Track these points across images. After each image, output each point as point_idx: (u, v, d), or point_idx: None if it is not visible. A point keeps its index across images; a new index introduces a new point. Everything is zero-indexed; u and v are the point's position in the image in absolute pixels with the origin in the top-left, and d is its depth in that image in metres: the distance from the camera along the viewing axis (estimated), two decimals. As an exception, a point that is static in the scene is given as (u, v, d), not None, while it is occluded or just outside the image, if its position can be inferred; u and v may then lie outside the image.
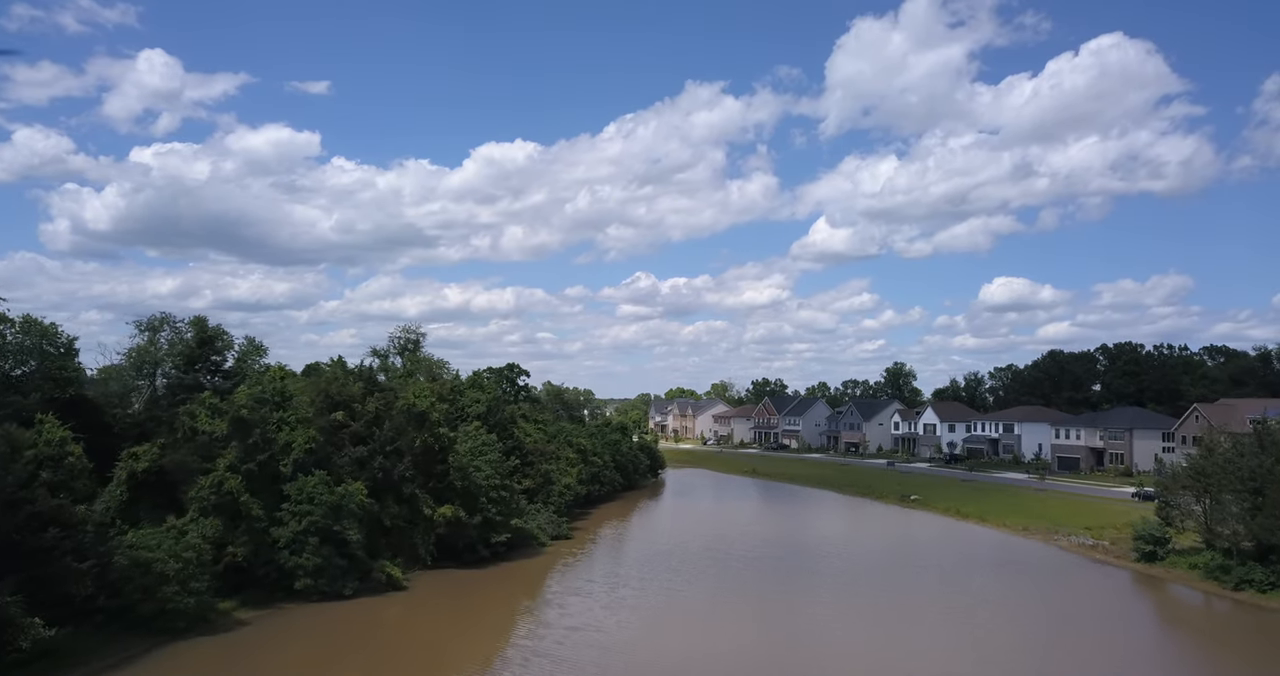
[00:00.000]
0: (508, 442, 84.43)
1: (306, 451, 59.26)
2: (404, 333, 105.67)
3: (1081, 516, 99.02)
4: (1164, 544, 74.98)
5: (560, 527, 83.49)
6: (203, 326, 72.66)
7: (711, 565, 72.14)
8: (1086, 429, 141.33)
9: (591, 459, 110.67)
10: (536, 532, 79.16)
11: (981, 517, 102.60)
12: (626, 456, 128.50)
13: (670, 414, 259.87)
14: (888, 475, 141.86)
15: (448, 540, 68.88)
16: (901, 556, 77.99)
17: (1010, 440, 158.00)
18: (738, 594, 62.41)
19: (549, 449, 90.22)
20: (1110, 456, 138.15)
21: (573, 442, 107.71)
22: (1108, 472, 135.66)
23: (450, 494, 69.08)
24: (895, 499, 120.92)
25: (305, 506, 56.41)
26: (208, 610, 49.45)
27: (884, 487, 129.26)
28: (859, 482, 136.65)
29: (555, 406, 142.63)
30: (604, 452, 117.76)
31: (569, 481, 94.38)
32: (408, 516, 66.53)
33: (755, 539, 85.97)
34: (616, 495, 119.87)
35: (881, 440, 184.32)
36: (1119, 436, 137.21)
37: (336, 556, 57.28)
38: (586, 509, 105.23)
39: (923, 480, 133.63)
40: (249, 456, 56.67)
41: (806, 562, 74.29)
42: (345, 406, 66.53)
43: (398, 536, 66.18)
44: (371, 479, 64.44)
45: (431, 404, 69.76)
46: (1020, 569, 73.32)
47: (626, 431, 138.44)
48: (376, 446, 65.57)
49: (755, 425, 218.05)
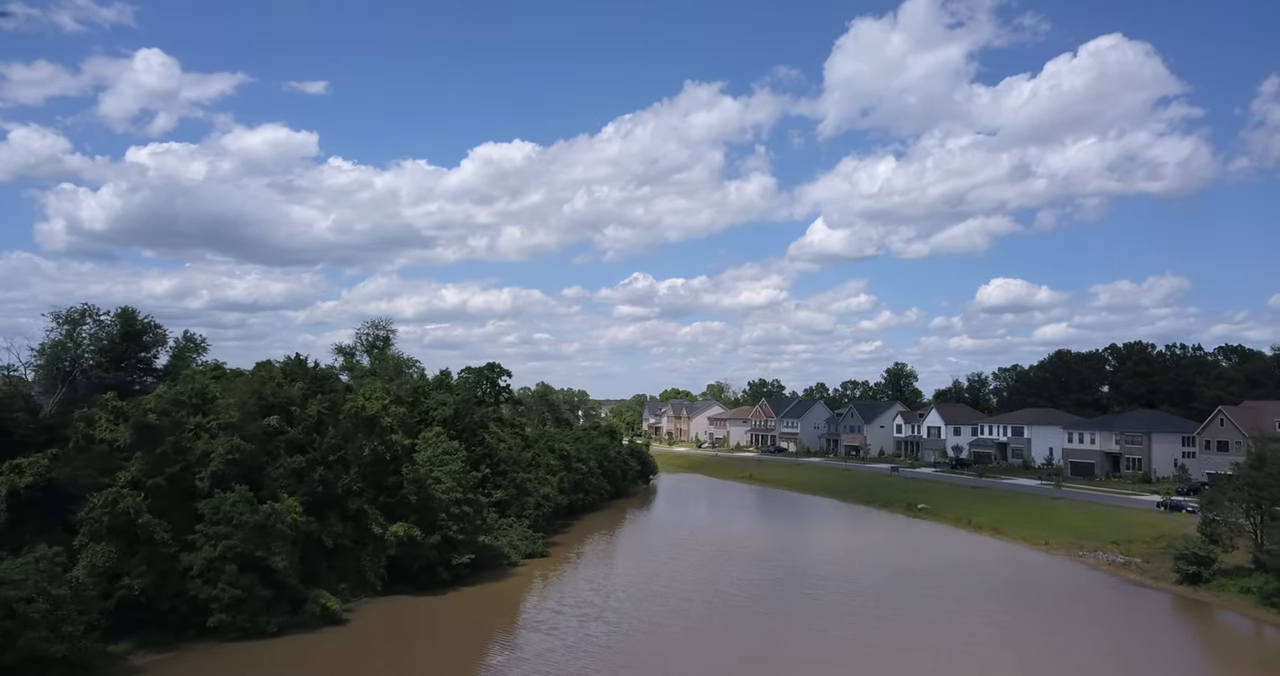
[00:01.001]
0: (477, 450, 75.65)
1: (229, 462, 50.42)
2: (372, 329, 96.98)
3: (1105, 528, 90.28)
4: (1209, 564, 66.32)
5: (535, 544, 74.66)
6: (129, 319, 63.86)
7: (700, 589, 63.31)
8: (1101, 432, 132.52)
9: (575, 465, 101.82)
10: (507, 551, 70.37)
11: (996, 529, 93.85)
12: (615, 462, 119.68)
13: (664, 415, 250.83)
14: (892, 481, 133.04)
15: (401, 562, 60.08)
16: (913, 577, 69.20)
17: (1020, 444, 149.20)
18: (728, 630, 53.46)
19: (524, 456, 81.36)
20: (1127, 461, 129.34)
21: (554, 448, 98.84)
22: (1124, 479, 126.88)
23: (404, 509, 60.25)
24: (901, 507, 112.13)
25: (222, 528, 47.56)
26: (89, 656, 40.55)
27: (889, 495, 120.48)
28: (862, 489, 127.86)
29: (540, 409, 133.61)
30: (590, 458, 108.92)
31: (548, 491, 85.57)
32: (354, 535, 57.74)
33: (751, 556, 77.19)
34: (603, 504, 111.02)
35: (883, 443, 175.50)
36: (1136, 440, 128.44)
37: (260, 586, 48.47)
38: (569, 520, 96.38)
39: (929, 487, 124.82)
40: (156, 469, 47.82)
41: (808, 587, 65.45)
42: (282, 410, 57.67)
43: (343, 559, 57.38)
44: (311, 493, 55.66)
45: (384, 407, 60.94)
46: (1047, 593, 64.53)
47: (615, 435, 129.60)
48: (318, 455, 56.75)
49: (752, 427, 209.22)
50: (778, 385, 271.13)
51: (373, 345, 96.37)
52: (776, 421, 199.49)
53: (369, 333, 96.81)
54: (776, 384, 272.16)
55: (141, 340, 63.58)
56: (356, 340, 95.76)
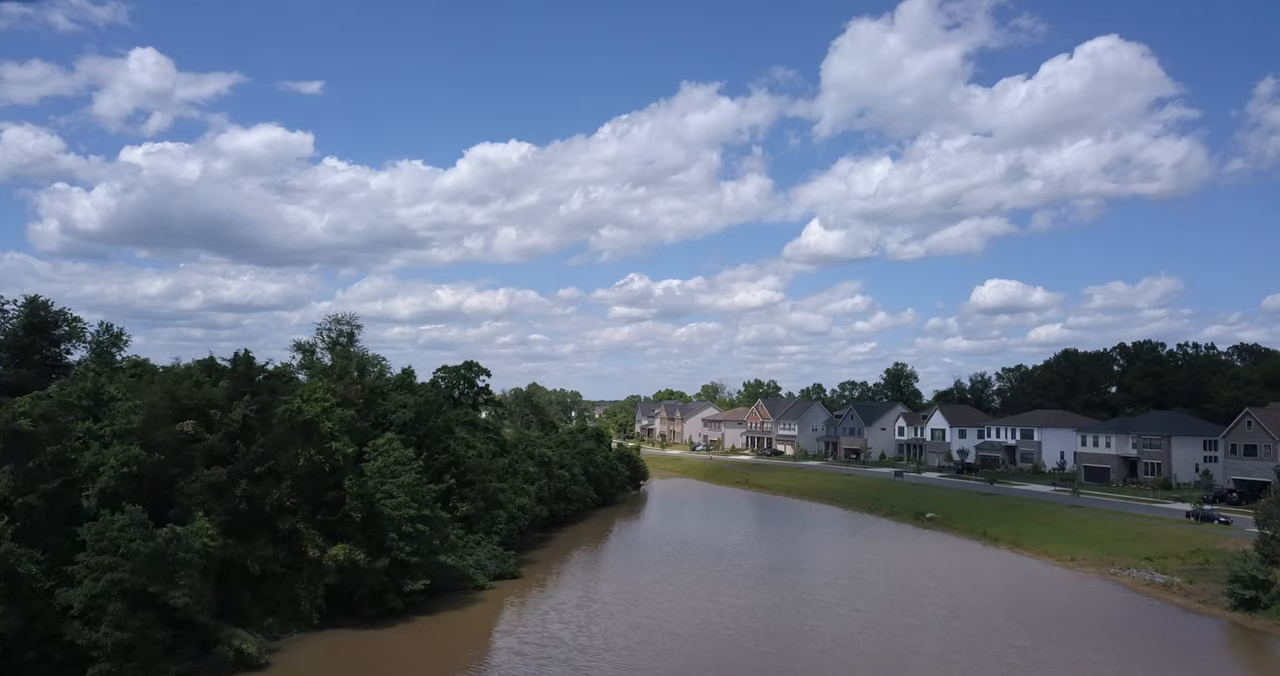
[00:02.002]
0: (441, 458, 66.99)
1: (124, 477, 41.76)
2: (334, 324, 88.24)
3: (1133, 541, 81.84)
4: (1267, 588, 57.88)
5: (506, 563, 65.99)
6: (36, 308, 55.11)
7: (688, 620, 54.64)
8: (1117, 435, 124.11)
9: (557, 472, 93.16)
10: (473, 573, 61.73)
11: (1014, 542, 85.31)
12: (602, 468, 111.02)
13: (657, 417, 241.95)
14: (896, 487, 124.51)
15: (344, 589, 51.41)
16: (929, 602, 60.59)
17: (1029, 447, 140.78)
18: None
19: (496, 464, 72.63)
20: (1145, 466, 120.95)
21: (534, 454, 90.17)
22: (1143, 485, 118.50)
23: (348, 529, 51.58)
24: (908, 516, 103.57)
25: (107, 557, 38.88)
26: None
27: (893, 502, 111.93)
28: (864, 496, 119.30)
29: (524, 411, 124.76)
30: (574, 464, 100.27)
31: (525, 502, 76.92)
32: (286, 560, 49.08)
33: (746, 576, 68.57)
34: (588, 514, 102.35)
35: (884, 446, 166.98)
36: (1155, 444, 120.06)
37: (158, 626, 39.79)
38: (549, 533, 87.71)
39: (937, 494, 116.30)
40: (28, 485, 39.14)
41: (811, 617, 56.71)
42: (199, 413, 48.96)
43: (273, 588, 48.73)
44: (233, 512, 47.00)
45: (325, 409, 52.27)
46: (1087, 622, 55.95)
47: (603, 438, 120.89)
48: (242, 467, 48.04)
49: (747, 430, 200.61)
50: (774, 386, 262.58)
51: (335, 342, 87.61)
52: (773, 423, 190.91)
53: (331, 328, 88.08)
54: (773, 384, 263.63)
55: (50, 333, 54.83)
56: (318, 336, 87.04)
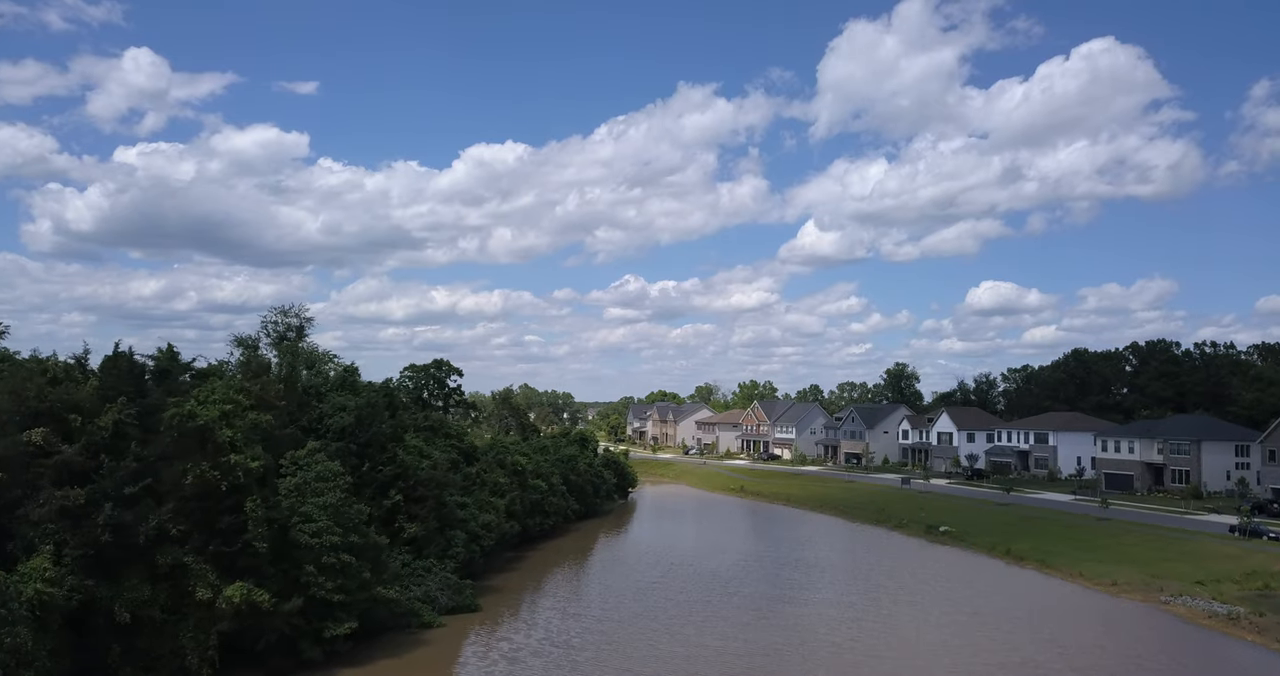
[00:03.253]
0: (385, 470, 56.55)
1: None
2: (280, 315, 77.76)
3: (1177, 561, 71.76)
4: (1368, 627, 47.79)
5: (462, 595, 55.48)
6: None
7: (663, 668, 44.32)
8: (1141, 440, 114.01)
9: (532, 483, 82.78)
10: (419, 608, 51.32)
11: (1043, 562, 75.08)
12: (585, 476, 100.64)
13: (649, 419, 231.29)
14: (903, 495, 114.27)
15: (245, 637, 41.02)
16: (960, 636, 50.30)
17: (1044, 452, 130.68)
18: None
19: (452, 477, 62.17)
20: (1173, 474, 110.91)
21: (506, 462, 79.81)
22: (1170, 493, 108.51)
23: (251, 561, 41.15)
24: (920, 530, 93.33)
25: (-117, 615, 28.50)
26: None
27: (902, 513, 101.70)
28: (870, 505, 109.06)
29: (502, 413, 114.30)
30: (553, 473, 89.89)
31: (491, 519, 66.56)
32: (167, 603, 38.66)
33: (743, 608, 58.12)
34: (568, 527, 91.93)
35: (887, 451, 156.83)
36: (1183, 449, 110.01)
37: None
38: (522, 552, 77.34)
39: (949, 503, 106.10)
40: None
41: (819, 664, 46.44)
42: (55, 419, 38.50)
43: (150, 637, 38.26)
44: (94, 543, 36.60)
45: (224, 413, 41.87)
46: (1158, 666, 45.75)
47: (588, 443, 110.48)
48: (108, 486, 37.59)
49: (743, 433, 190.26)
50: (770, 387, 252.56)
51: (282, 336, 77.12)
52: (770, 426, 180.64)
53: (277, 320, 77.54)
54: (768, 386, 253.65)
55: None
56: (261, 330, 76.54)
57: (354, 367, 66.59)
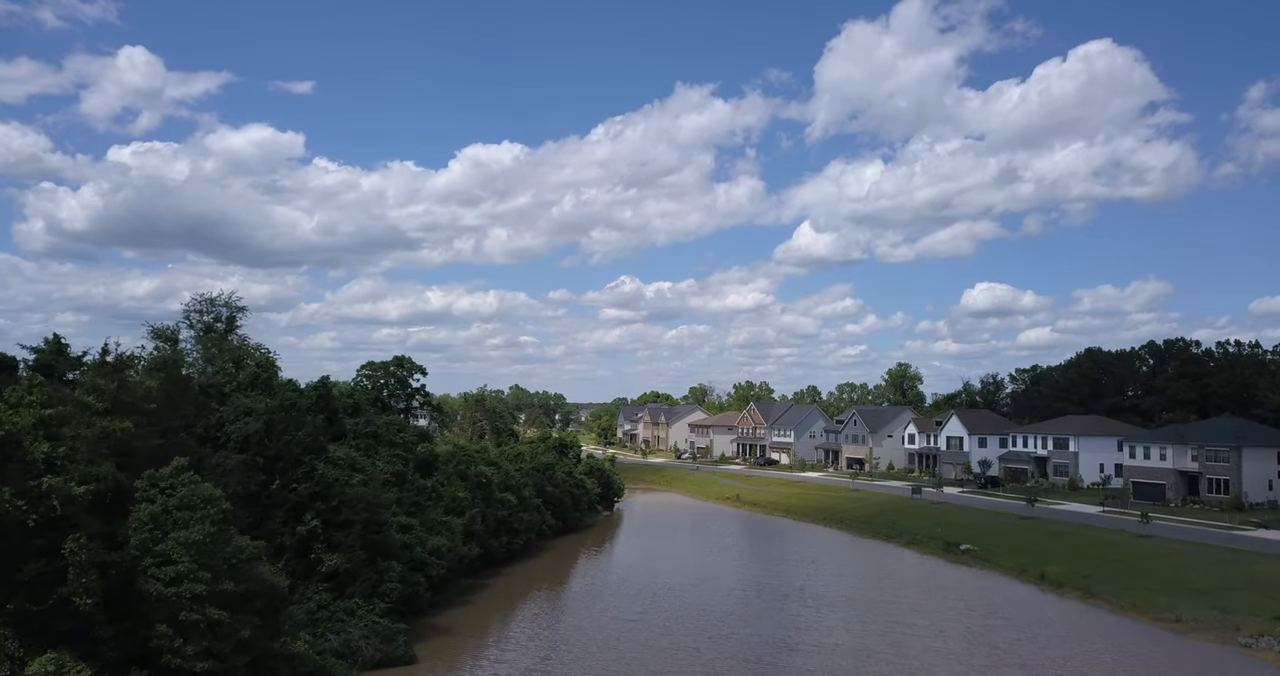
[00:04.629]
0: (301, 489, 45.44)
1: None
2: (206, 304, 66.57)
3: (1244, 590, 60.90)
4: None
5: (393, 643, 44.19)
6: None
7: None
8: (1174, 446, 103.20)
9: (499, 496, 71.71)
10: (330, 665, 40.12)
11: (1085, 589, 64.14)
12: (564, 487, 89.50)
13: (641, 421, 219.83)
14: (914, 506, 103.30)
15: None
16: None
17: (1064, 459, 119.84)
18: None
19: (387, 496, 50.97)
20: (1210, 483, 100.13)
21: (468, 474, 68.71)
22: (1207, 504, 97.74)
23: (68, 622, 30.04)
24: (938, 547, 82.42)
25: None
26: None
27: (915, 527, 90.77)
28: (879, 518, 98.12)
29: (474, 416, 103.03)
30: (524, 484, 78.82)
31: (440, 543, 55.46)
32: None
33: (736, 660, 46.93)
34: (544, 546, 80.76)
35: (892, 456, 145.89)
36: (1221, 456, 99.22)
37: None
38: (484, 578, 66.18)
39: (965, 516, 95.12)
40: None
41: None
42: None
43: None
44: None
45: (44, 420, 30.78)
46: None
47: (568, 450, 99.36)
48: None
49: (739, 436, 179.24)
50: (766, 388, 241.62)
51: (209, 328, 65.94)
52: (767, 429, 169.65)
53: (203, 310, 66.30)
54: (765, 387, 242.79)
55: None
56: (184, 320, 65.36)
57: (269, 362, 55.23)
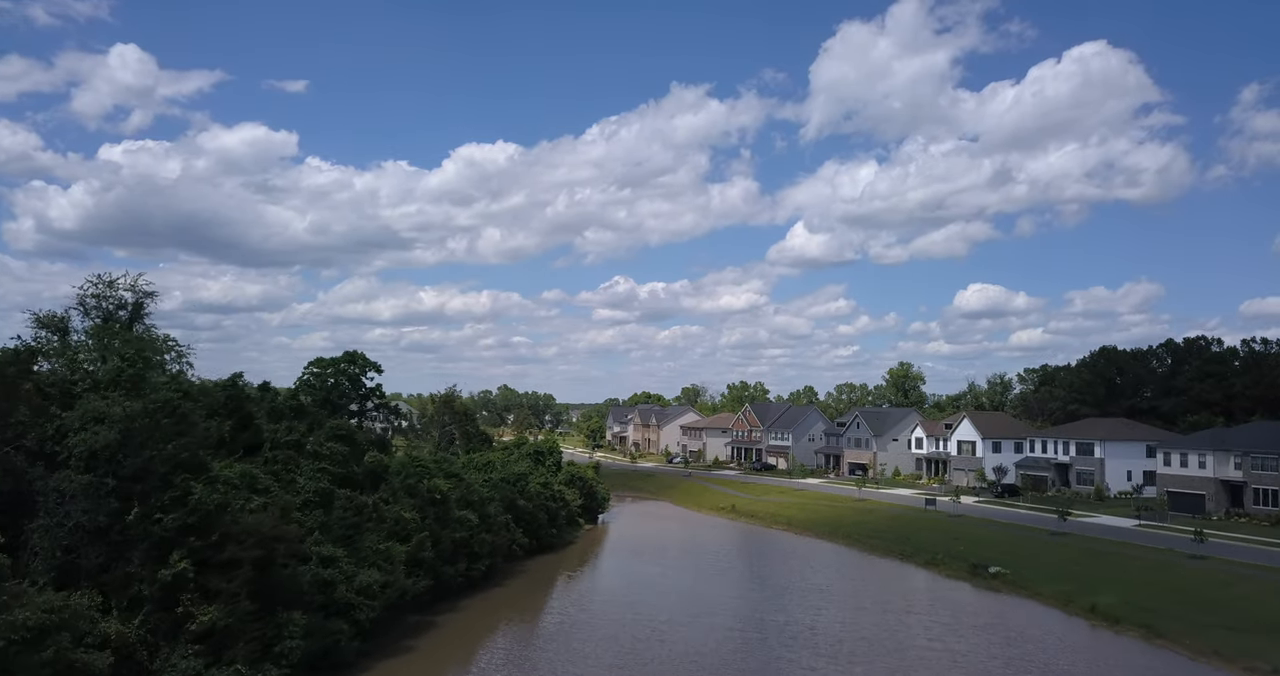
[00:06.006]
0: (168, 519, 34.39)
1: None
2: (104, 287, 55.34)
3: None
4: None
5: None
6: None
7: None
8: (1215, 453, 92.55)
9: (458, 515, 60.65)
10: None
11: (1150, 627, 53.29)
12: (538, 500, 78.41)
13: (631, 423, 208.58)
14: (929, 520, 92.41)
15: None
16: None
17: (1088, 465, 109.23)
18: None
19: (288, 528, 39.80)
20: (1257, 494, 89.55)
21: (418, 490, 57.65)
22: (1255, 518, 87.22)
23: None
24: (963, 570, 71.68)
25: None
26: None
27: (934, 544, 79.98)
28: (889, 532, 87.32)
29: (441, 419, 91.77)
30: (490, 499, 67.78)
31: (372, 578, 44.46)
32: None
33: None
34: (512, 570, 69.59)
35: (898, 462, 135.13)
36: (1269, 464, 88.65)
37: None
38: (434, 613, 55.03)
39: (988, 531, 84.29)
40: None
41: None
42: None
43: None
44: None
45: None
46: None
47: (545, 458, 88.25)
48: None
49: (733, 439, 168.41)
50: (761, 388, 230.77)
51: (109, 315, 54.78)
52: (763, 432, 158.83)
53: (103, 293, 55.04)
54: (760, 387, 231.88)
55: None
56: (78, 306, 54.11)
57: (135, 357, 43.89)
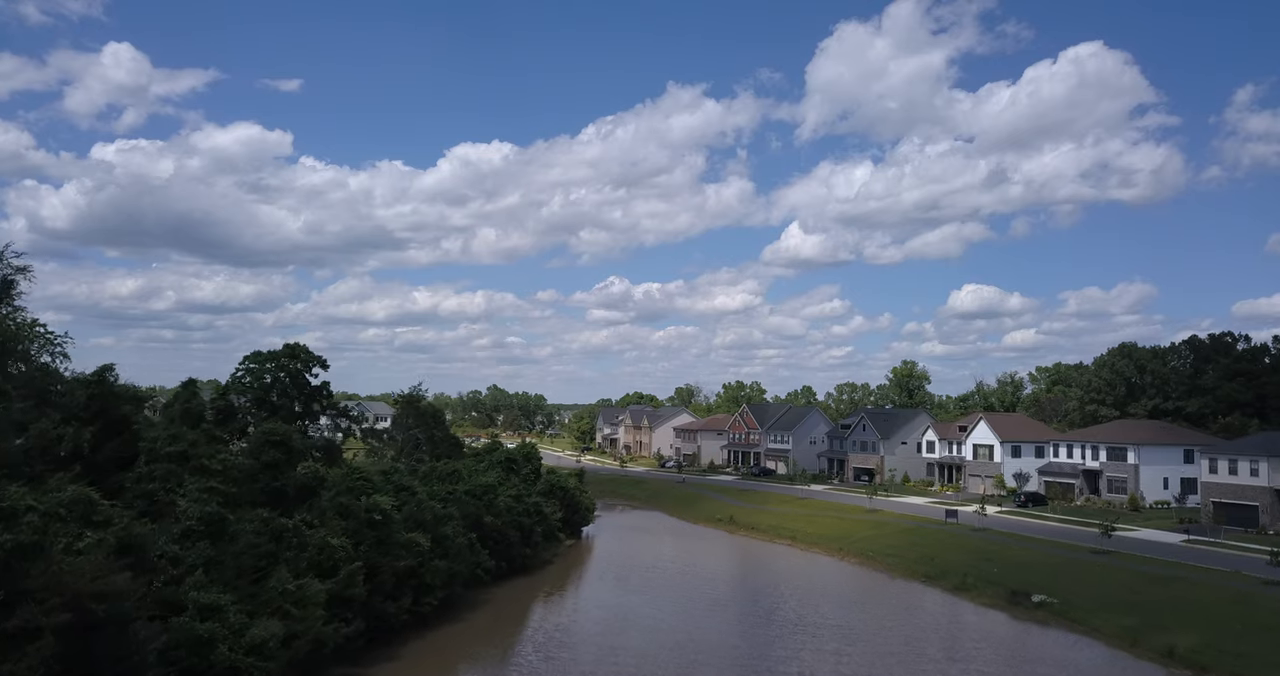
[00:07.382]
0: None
1: None
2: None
3: None
4: None
5: None
6: None
7: None
8: (1269, 459, 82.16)
9: (405, 539, 49.79)
10: None
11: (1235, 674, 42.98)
12: (509, 515, 67.55)
13: (622, 425, 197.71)
14: (953, 536, 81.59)
15: None
16: None
17: (1121, 472, 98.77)
18: None
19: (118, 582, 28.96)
20: (1319, 506, 79.37)
21: (352, 509, 46.81)
22: (1318, 533, 76.93)
23: None
24: (999, 597, 61.14)
25: None
26: None
27: (962, 564, 69.46)
28: (911, 550, 76.69)
29: (405, 422, 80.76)
30: (447, 518, 56.90)
31: (271, 633, 33.67)
32: None
33: None
34: (474, 599, 58.61)
35: (908, 467, 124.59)
36: (1332, 473, 78.52)
37: None
38: (366, 665, 44.23)
39: (1021, 550, 73.54)
40: None
41: None
42: None
43: None
44: None
45: None
46: None
47: (518, 466, 77.32)
48: None
49: (729, 441, 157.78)
50: (758, 388, 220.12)
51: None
52: (761, 434, 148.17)
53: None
54: (757, 387, 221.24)
55: None
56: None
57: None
